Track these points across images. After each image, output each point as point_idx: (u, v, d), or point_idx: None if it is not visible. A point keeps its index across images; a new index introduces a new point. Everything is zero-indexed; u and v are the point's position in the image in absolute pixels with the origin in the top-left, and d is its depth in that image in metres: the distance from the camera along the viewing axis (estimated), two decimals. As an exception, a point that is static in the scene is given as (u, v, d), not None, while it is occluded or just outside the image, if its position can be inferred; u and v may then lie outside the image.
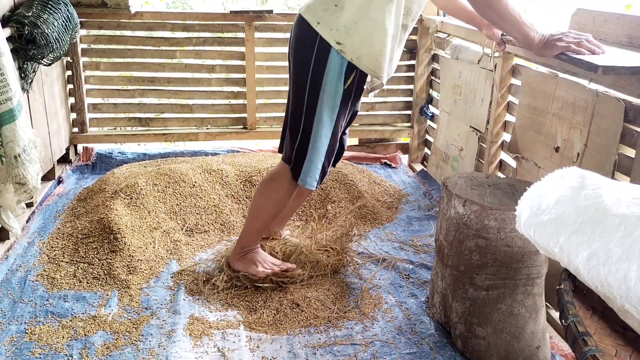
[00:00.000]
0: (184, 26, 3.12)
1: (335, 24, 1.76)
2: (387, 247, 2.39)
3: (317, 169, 1.91)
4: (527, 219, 1.11)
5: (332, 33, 1.76)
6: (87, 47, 3.14)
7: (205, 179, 2.64)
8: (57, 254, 2.18)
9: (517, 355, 1.68)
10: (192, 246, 2.31)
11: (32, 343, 1.71)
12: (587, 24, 1.99)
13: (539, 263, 1.65)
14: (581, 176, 1.14)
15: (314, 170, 1.90)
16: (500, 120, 2.40)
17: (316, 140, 1.87)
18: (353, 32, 1.75)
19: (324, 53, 1.79)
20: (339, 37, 1.76)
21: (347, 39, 1.76)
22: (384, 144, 3.53)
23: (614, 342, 1.17)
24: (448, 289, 1.79)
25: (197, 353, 1.71)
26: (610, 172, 1.71)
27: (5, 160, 1.93)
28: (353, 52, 1.77)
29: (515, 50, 2.17)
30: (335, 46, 1.76)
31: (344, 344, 1.77)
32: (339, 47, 1.76)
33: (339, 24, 1.76)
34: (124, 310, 1.89)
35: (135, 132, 3.28)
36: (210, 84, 3.24)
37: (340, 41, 1.76)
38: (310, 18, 1.79)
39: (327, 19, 1.77)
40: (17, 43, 2.21)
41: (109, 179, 2.67)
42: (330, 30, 1.77)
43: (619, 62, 1.53)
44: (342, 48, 1.76)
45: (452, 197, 1.70)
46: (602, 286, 0.96)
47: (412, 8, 1.84)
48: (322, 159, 1.90)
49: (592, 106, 1.80)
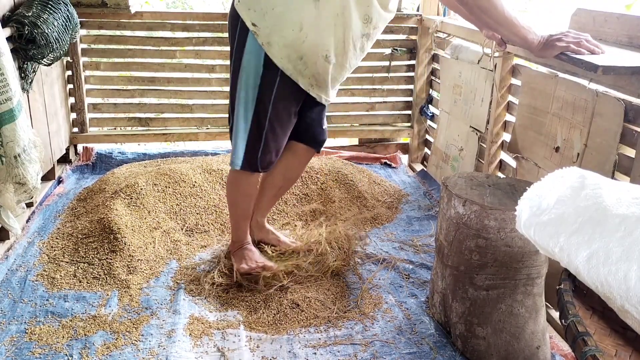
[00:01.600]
0: (184, 26, 3.12)
1: (254, 4, 1.76)
2: (387, 247, 2.39)
3: (240, 149, 1.91)
4: (527, 219, 1.11)
5: (249, 13, 1.76)
6: (87, 47, 3.14)
7: (205, 179, 2.64)
8: (57, 254, 2.18)
9: (517, 355, 1.68)
10: (192, 246, 2.31)
11: (32, 343, 1.71)
12: (587, 24, 1.99)
13: (539, 263, 1.65)
14: (581, 176, 1.14)
15: (238, 150, 1.92)
16: (500, 120, 2.40)
17: (238, 120, 1.89)
18: (269, 16, 1.75)
19: (243, 32, 1.80)
20: (255, 19, 1.76)
21: (262, 22, 1.75)
22: (384, 144, 3.53)
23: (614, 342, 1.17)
24: (448, 289, 1.79)
25: (197, 353, 1.71)
26: (610, 172, 1.71)
27: (5, 160, 1.93)
28: (265, 37, 1.76)
29: (515, 50, 2.17)
30: (250, 27, 1.76)
31: (344, 344, 1.77)
32: (253, 29, 1.76)
33: (257, 5, 1.75)
34: (124, 310, 1.89)
35: (135, 132, 3.28)
36: (210, 84, 3.24)
37: (255, 22, 1.76)
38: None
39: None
40: (17, 43, 2.21)
41: (109, 179, 2.67)
42: (248, 10, 1.77)
43: (618, 62, 1.54)
44: (256, 30, 1.76)
45: (452, 197, 1.70)
46: (602, 286, 0.96)
47: (371, 17, 1.82)
48: (244, 139, 1.90)
49: (592, 106, 1.80)
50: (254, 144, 1.91)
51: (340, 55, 1.83)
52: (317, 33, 1.76)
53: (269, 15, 1.74)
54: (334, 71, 1.87)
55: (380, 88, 3.35)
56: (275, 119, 1.89)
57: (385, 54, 3.28)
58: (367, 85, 3.35)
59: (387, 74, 3.31)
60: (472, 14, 1.77)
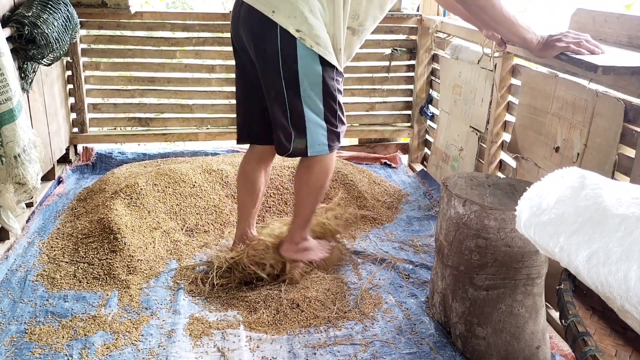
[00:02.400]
0: (184, 26, 3.12)
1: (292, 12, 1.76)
2: (387, 247, 2.39)
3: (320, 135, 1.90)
4: (527, 219, 1.11)
5: (291, 21, 1.76)
6: (87, 47, 3.14)
7: (205, 179, 2.64)
8: (57, 254, 2.18)
9: (517, 355, 1.68)
10: (192, 246, 2.31)
11: (32, 343, 1.71)
12: (587, 24, 1.99)
13: (539, 263, 1.65)
14: (581, 176, 1.14)
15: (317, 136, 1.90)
16: (500, 120, 2.40)
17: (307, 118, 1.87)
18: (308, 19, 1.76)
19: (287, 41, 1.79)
20: (297, 25, 1.76)
21: (303, 26, 1.76)
22: (384, 144, 3.53)
23: (614, 342, 1.17)
24: (448, 289, 1.79)
25: (197, 353, 1.71)
26: (610, 172, 1.71)
27: (5, 160, 1.93)
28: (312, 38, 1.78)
29: (515, 50, 2.17)
30: (295, 34, 1.76)
31: (344, 344, 1.77)
32: (298, 35, 1.76)
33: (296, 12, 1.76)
34: (124, 310, 1.89)
35: (135, 132, 3.28)
36: (210, 84, 3.24)
37: (298, 28, 1.77)
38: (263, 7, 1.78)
39: (283, 6, 1.76)
40: (17, 43, 2.21)
41: (109, 179, 2.67)
42: (288, 18, 1.76)
43: (618, 62, 1.54)
44: (301, 35, 1.77)
45: (452, 197, 1.70)
46: (602, 286, 0.96)
47: (358, 13, 1.84)
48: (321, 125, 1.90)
49: (592, 106, 1.80)
50: (332, 122, 1.91)
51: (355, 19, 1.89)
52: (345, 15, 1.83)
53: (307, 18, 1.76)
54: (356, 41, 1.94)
55: (380, 88, 3.35)
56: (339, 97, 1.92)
57: (385, 54, 3.28)
58: (367, 85, 3.35)
59: (387, 74, 3.31)
60: (471, 12, 1.77)
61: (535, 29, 1.73)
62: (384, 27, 3.22)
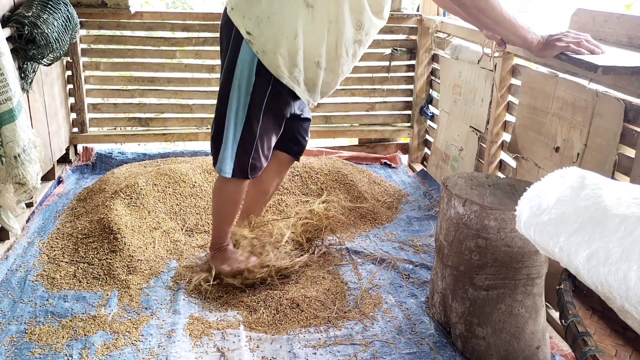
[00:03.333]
0: (184, 26, 3.12)
1: (248, 13, 1.74)
2: (387, 247, 2.39)
3: (228, 157, 1.89)
4: (527, 219, 1.11)
5: (244, 22, 1.75)
6: (87, 47, 3.14)
7: (205, 179, 2.64)
8: (57, 254, 2.18)
9: (517, 355, 1.68)
10: (192, 246, 2.31)
11: (32, 343, 1.71)
12: (587, 24, 1.99)
13: (539, 263, 1.65)
14: (581, 176, 1.14)
15: (226, 157, 1.89)
16: (500, 120, 2.40)
17: (227, 128, 1.86)
18: (264, 25, 1.73)
19: (236, 40, 1.78)
20: (250, 27, 1.74)
21: (256, 30, 1.74)
22: (384, 144, 3.53)
23: (614, 342, 1.17)
24: (448, 289, 1.79)
25: (197, 353, 1.71)
26: (610, 172, 1.70)
27: (5, 160, 1.93)
28: (260, 46, 1.75)
29: (515, 50, 2.17)
30: (245, 35, 1.75)
31: (344, 344, 1.77)
32: (248, 37, 1.74)
33: (252, 14, 1.74)
34: (124, 310, 1.89)
35: (135, 132, 3.28)
36: (210, 84, 3.24)
37: (250, 31, 1.74)
38: (227, 3, 1.78)
39: (242, 6, 1.76)
40: (17, 43, 2.21)
41: (109, 179, 2.67)
42: (242, 19, 1.75)
43: (619, 62, 1.54)
44: (251, 39, 1.74)
45: (452, 197, 1.70)
46: (602, 286, 0.96)
47: (363, 23, 1.81)
48: (234, 147, 1.88)
49: (592, 106, 1.80)
50: (245, 151, 1.89)
51: (333, 60, 1.83)
52: (310, 40, 1.76)
53: (264, 23, 1.73)
54: (327, 76, 1.86)
55: (380, 88, 3.35)
56: (267, 127, 1.89)
57: (385, 54, 3.28)
58: (367, 85, 3.34)
59: (387, 74, 3.31)
60: (470, 15, 1.76)
61: (535, 29, 1.73)
62: (384, 27, 3.20)
